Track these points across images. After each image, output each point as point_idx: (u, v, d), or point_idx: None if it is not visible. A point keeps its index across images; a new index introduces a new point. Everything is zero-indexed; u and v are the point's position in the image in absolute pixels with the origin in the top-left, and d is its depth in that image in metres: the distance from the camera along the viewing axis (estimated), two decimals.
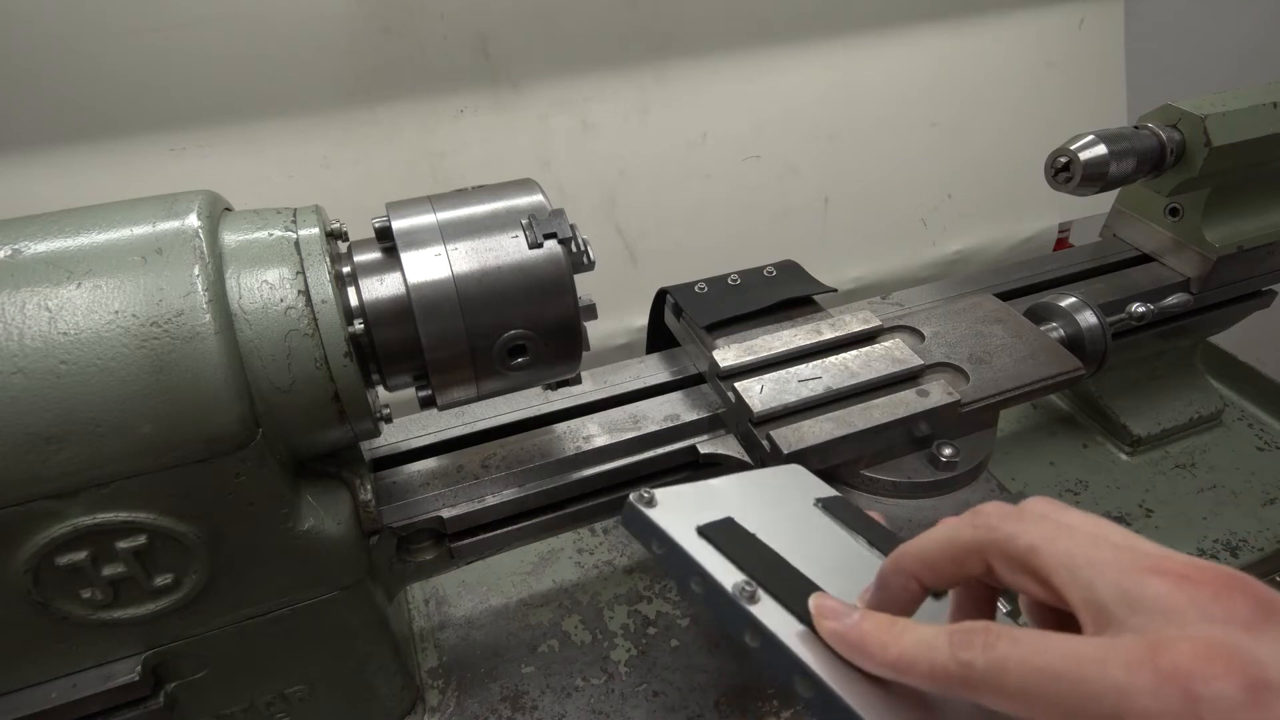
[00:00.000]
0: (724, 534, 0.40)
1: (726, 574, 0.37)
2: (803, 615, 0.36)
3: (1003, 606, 0.39)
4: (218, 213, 0.50)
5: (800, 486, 0.53)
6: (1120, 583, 0.29)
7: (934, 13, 1.15)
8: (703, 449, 0.67)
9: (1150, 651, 0.27)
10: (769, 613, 0.36)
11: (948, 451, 0.62)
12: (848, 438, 0.59)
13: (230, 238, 0.48)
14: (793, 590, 0.37)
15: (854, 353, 0.66)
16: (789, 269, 0.79)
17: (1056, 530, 0.32)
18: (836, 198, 1.17)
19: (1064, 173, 0.72)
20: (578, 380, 0.61)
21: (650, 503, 0.41)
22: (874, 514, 0.49)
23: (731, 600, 0.36)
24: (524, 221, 0.53)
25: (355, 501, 0.56)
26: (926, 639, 0.32)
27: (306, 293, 0.47)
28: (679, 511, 0.41)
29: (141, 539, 0.46)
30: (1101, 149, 0.70)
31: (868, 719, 0.32)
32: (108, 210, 0.47)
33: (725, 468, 0.68)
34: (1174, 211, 0.84)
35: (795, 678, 0.34)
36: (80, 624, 0.49)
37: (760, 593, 0.36)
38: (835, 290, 0.77)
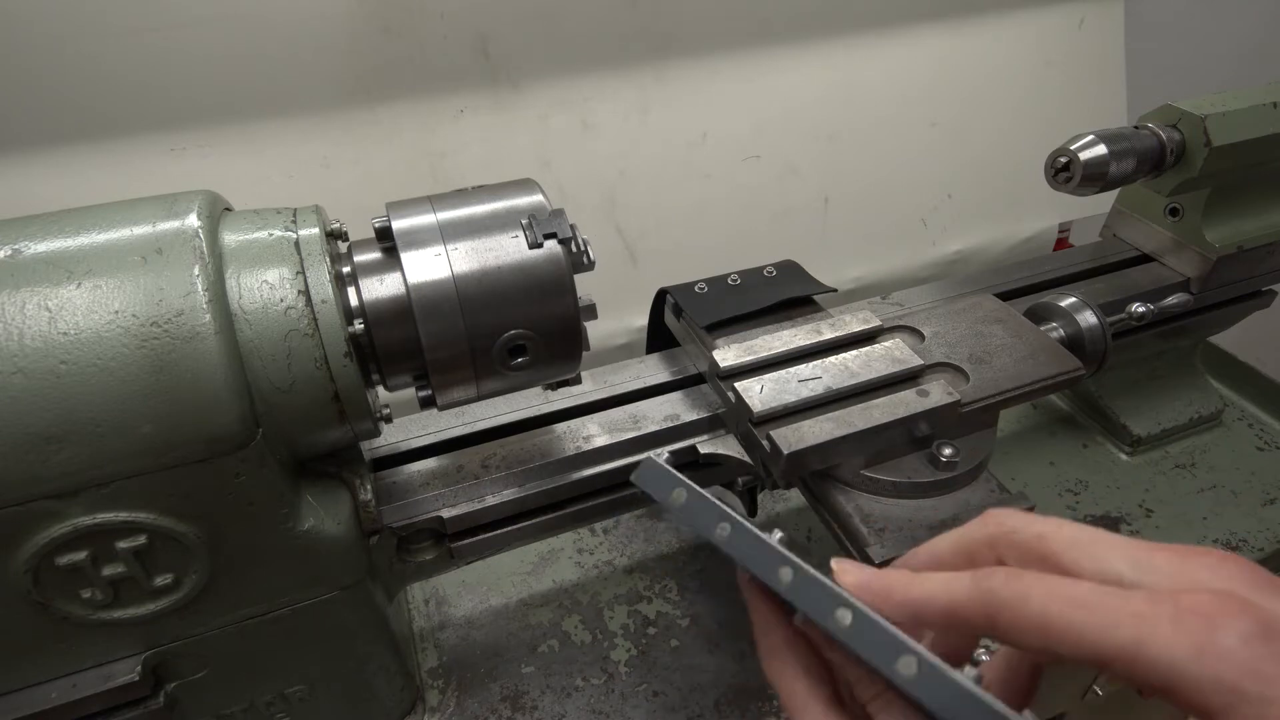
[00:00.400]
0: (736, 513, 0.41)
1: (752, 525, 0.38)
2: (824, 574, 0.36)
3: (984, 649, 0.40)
4: (218, 213, 0.50)
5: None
6: (1131, 553, 0.31)
7: (934, 13, 1.15)
8: (703, 449, 0.67)
9: (1171, 594, 0.28)
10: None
11: (948, 451, 0.62)
12: (848, 438, 0.59)
13: (230, 238, 0.48)
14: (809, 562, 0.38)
15: (854, 353, 0.66)
16: (789, 269, 0.79)
17: (1060, 520, 0.34)
18: (836, 198, 1.17)
19: (1064, 173, 0.72)
20: (578, 380, 0.61)
21: (670, 463, 0.42)
22: None
23: (763, 540, 0.36)
24: (524, 221, 0.53)
25: (355, 501, 0.56)
26: (948, 577, 0.33)
27: (306, 293, 0.47)
28: None
29: (141, 539, 0.46)
30: (1101, 149, 0.70)
31: (911, 642, 0.31)
32: (108, 210, 0.47)
33: (725, 468, 0.68)
34: (1174, 211, 0.84)
35: (835, 610, 0.33)
36: (80, 624, 0.49)
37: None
38: (835, 290, 0.77)
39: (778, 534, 0.36)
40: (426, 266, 0.51)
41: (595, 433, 0.67)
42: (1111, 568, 0.31)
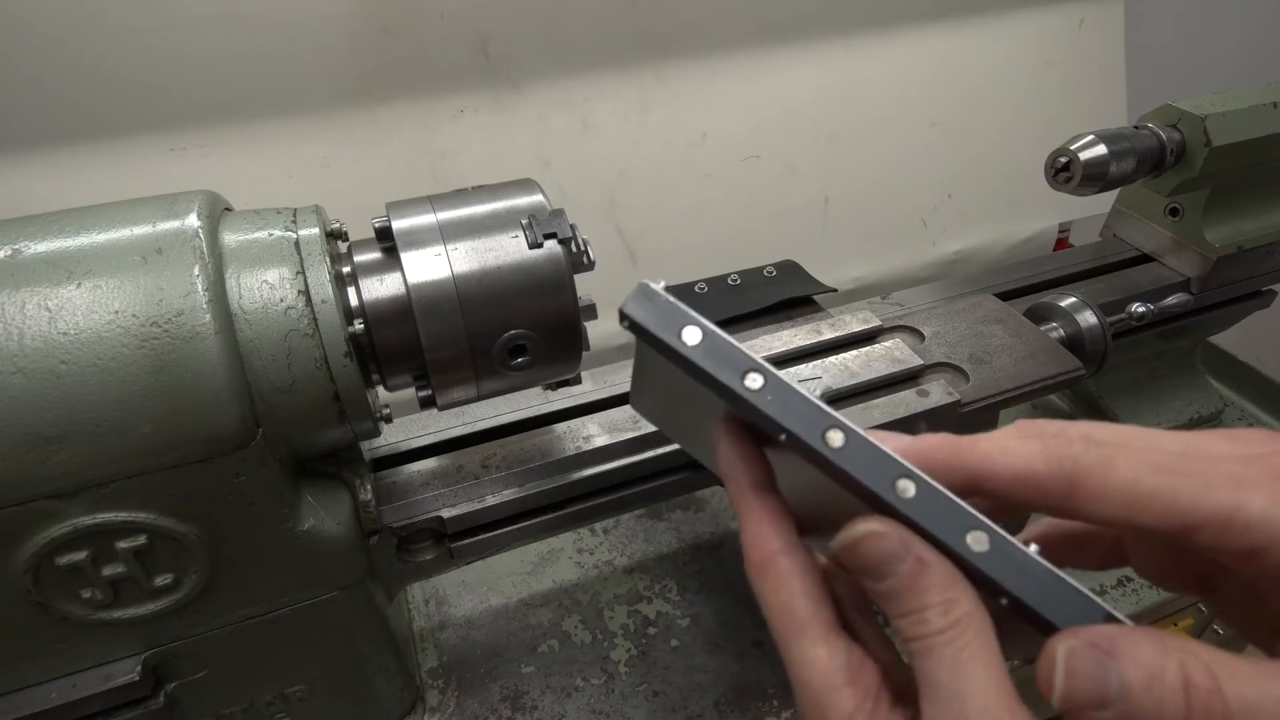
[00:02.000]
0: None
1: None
2: None
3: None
4: (218, 213, 0.50)
5: None
6: (1184, 439, 0.28)
7: (934, 13, 1.15)
8: None
9: (1261, 455, 0.27)
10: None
11: None
12: None
13: (230, 238, 0.48)
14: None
15: (854, 353, 0.66)
16: (789, 269, 0.79)
17: (1100, 422, 0.30)
18: (836, 198, 1.17)
19: (1064, 173, 0.72)
20: (578, 380, 0.61)
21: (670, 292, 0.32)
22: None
23: (806, 396, 0.29)
24: (524, 221, 0.53)
25: (355, 501, 0.56)
26: (1014, 443, 0.29)
27: (306, 293, 0.47)
28: None
29: (141, 539, 0.46)
30: (1101, 149, 0.70)
31: (983, 518, 0.28)
32: (108, 210, 0.47)
33: None
34: (1174, 211, 0.84)
35: (896, 482, 0.28)
36: (80, 624, 0.49)
37: None
38: (835, 290, 0.77)
39: (820, 386, 0.31)
40: (426, 266, 0.51)
41: (595, 433, 0.67)
42: (1168, 452, 0.28)
